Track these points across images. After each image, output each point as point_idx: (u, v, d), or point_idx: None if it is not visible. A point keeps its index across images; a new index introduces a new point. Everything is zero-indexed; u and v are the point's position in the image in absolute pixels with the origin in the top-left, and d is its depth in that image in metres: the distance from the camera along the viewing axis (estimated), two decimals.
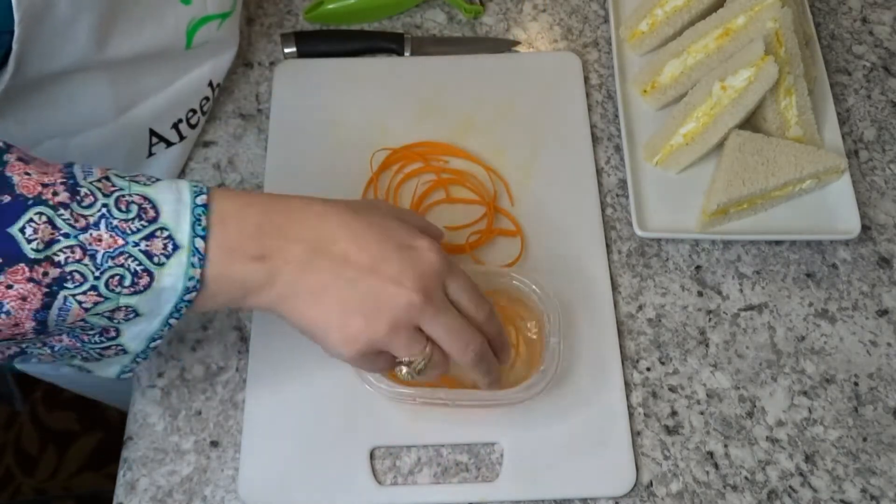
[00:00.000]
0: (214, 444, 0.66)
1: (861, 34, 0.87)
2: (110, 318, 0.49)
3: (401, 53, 0.84)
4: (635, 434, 0.66)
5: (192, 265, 0.48)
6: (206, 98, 0.76)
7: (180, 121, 0.74)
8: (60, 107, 0.64)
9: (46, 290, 0.45)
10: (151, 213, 0.48)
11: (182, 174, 0.77)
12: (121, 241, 0.47)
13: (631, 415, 0.67)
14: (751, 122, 0.77)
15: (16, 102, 0.61)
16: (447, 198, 0.75)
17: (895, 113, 0.82)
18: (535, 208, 0.75)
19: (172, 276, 0.48)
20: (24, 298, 0.45)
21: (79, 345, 0.52)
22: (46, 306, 0.46)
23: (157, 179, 0.50)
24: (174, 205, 0.49)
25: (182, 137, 0.75)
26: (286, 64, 0.83)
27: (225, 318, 0.70)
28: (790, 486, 0.65)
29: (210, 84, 0.75)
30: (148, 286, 0.48)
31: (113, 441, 1.41)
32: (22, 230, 0.45)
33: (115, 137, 0.70)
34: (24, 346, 0.51)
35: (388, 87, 0.81)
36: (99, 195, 0.47)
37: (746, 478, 0.65)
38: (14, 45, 0.54)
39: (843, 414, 0.68)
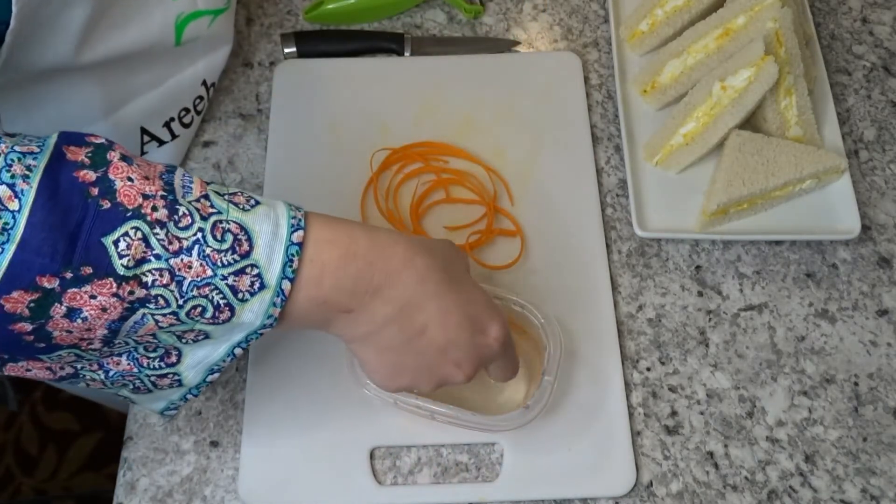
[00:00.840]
0: (214, 444, 0.66)
1: (861, 34, 0.87)
2: (179, 338, 0.49)
3: (401, 53, 0.84)
4: (635, 434, 0.66)
5: (274, 304, 0.47)
6: (200, 97, 0.76)
7: (172, 119, 0.74)
8: (50, 106, 0.64)
9: (128, 305, 0.45)
10: (245, 247, 0.46)
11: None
12: (209, 272, 0.45)
13: (631, 415, 0.67)
14: (751, 122, 0.77)
15: (5, 102, 0.61)
16: (447, 198, 0.75)
17: (895, 113, 0.82)
18: (535, 208, 0.75)
19: (253, 313, 0.47)
20: (104, 309, 0.44)
21: (135, 370, 0.51)
22: (123, 318, 0.45)
23: (257, 203, 0.48)
24: (269, 238, 0.47)
25: (174, 136, 0.75)
26: (286, 64, 0.83)
27: None
28: (790, 486, 0.65)
29: (204, 83, 0.75)
30: (228, 320, 0.47)
31: (113, 441, 1.41)
32: (116, 243, 0.43)
33: (107, 136, 0.69)
34: (78, 366, 0.50)
35: (388, 87, 0.81)
36: (196, 217, 0.45)
37: (746, 478, 0.65)
38: (7, 38, 0.53)
39: (843, 414, 0.68)
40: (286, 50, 0.83)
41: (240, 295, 0.46)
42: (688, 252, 0.74)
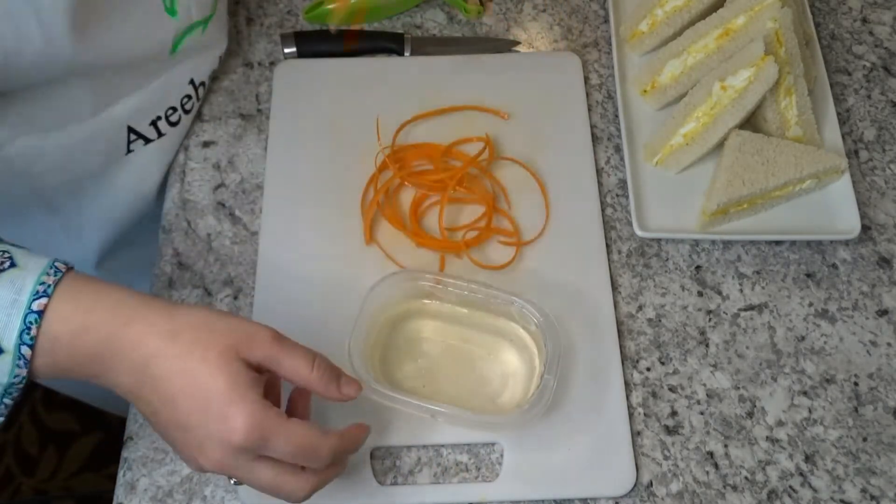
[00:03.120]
0: None
1: (861, 34, 0.87)
2: None
3: (401, 53, 0.84)
4: (635, 434, 0.66)
5: (17, 366, 0.49)
6: (189, 96, 0.76)
7: (159, 118, 0.74)
8: (38, 102, 0.64)
9: None
10: None
11: (182, 174, 0.77)
12: None
13: (631, 415, 0.67)
14: (751, 122, 0.77)
15: None
16: (447, 198, 0.75)
17: (895, 113, 0.82)
18: (535, 208, 0.75)
19: None
20: None
21: None
22: None
23: (12, 265, 0.49)
24: (7, 306, 0.48)
25: (161, 134, 0.75)
26: (286, 64, 0.83)
27: None
28: (790, 486, 0.65)
29: (192, 82, 0.75)
30: None
31: (113, 441, 1.41)
32: None
33: (93, 134, 0.70)
34: None
35: (388, 87, 0.81)
36: None
37: (746, 478, 0.65)
38: None
39: (843, 414, 0.68)
40: (286, 50, 0.83)
41: None
42: (688, 252, 0.74)
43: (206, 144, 0.79)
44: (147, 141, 0.74)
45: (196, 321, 0.51)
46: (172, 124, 0.76)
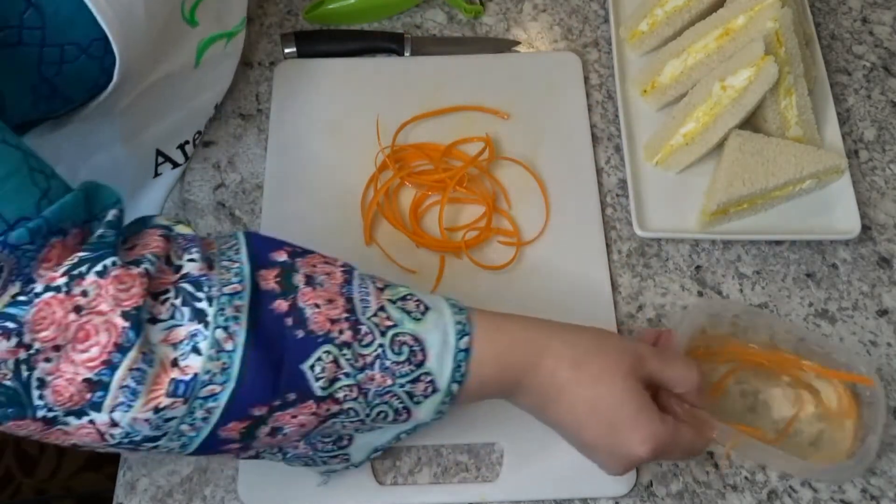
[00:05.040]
0: None
1: (861, 34, 0.87)
2: (356, 430, 0.54)
3: (401, 53, 0.84)
4: None
5: (444, 402, 0.52)
6: (212, 119, 0.76)
7: (187, 142, 0.74)
8: (71, 129, 0.63)
9: (322, 419, 0.50)
10: (419, 357, 0.50)
11: (182, 175, 0.77)
12: (390, 382, 0.50)
13: None
14: (751, 122, 0.77)
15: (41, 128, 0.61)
16: (447, 198, 0.75)
17: (895, 113, 0.82)
18: (535, 208, 0.75)
19: (426, 412, 0.52)
20: (302, 425, 0.50)
21: (311, 453, 0.55)
22: (317, 428, 0.51)
23: (426, 308, 0.52)
24: (440, 348, 0.51)
25: (187, 158, 0.75)
26: (286, 64, 0.83)
27: None
28: (790, 486, 0.65)
29: (216, 106, 0.76)
30: (405, 420, 0.53)
31: None
32: (312, 367, 0.48)
33: (124, 159, 0.70)
34: (261, 450, 0.53)
35: (388, 87, 0.81)
36: (377, 334, 0.50)
37: (746, 478, 0.65)
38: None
39: None
40: (286, 50, 0.83)
41: (415, 399, 0.51)
42: (688, 252, 0.74)
43: (206, 144, 0.79)
44: (175, 164, 0.74)
45: (592, 346, 0.55)
46: (196, 147, 0.76)
